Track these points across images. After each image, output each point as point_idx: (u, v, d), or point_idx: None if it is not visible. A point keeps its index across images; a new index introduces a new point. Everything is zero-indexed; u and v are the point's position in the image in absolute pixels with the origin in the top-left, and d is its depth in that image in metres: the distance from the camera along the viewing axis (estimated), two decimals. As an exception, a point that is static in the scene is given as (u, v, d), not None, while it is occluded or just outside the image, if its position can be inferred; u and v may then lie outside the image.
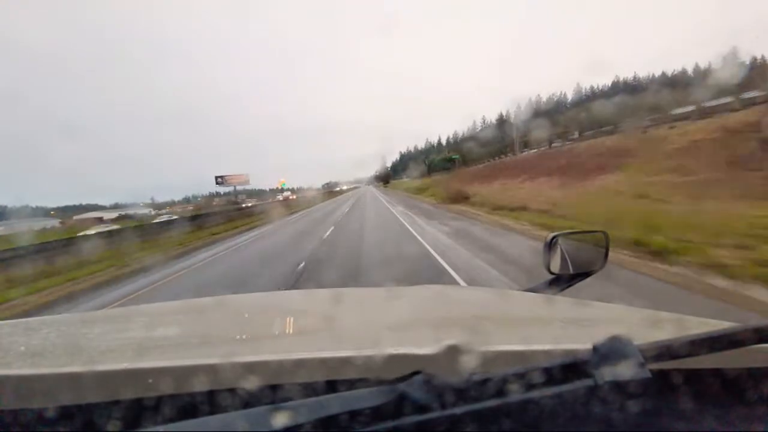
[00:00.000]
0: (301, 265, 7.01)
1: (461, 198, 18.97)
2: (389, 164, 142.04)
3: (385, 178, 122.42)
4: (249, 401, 0.49)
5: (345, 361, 0.52)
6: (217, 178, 54.90)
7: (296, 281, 5.88)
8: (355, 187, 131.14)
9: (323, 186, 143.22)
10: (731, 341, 0.43)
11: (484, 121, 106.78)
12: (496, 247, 7.43)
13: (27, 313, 6.28)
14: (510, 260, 6.27)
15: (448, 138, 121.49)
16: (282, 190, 77.46)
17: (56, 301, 7.18)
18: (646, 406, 0.48)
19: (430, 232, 10.35)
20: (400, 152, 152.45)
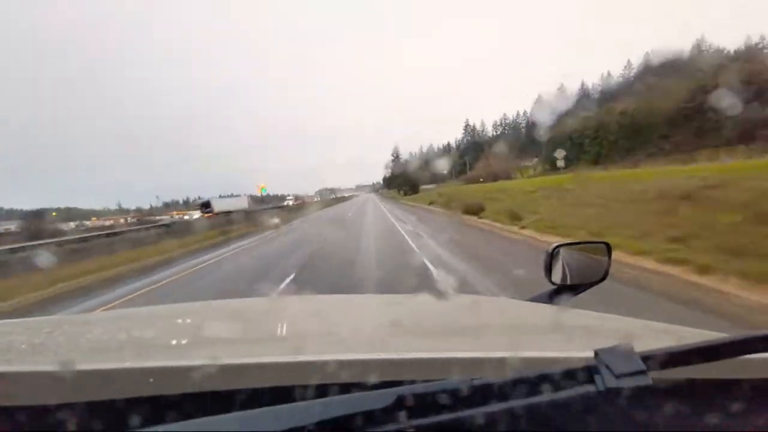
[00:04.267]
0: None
1: None
2: (390, 173, 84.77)
3: (411, 184, 64.45)
4: (248, 403, 0.49)
5: (346, 365, 0.52)
6: None
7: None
8: (351, 197, 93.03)
9: (317, 193, 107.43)
10: (733, 350, 0.44)
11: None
12: None
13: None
14: None
15: (495, 122, 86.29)
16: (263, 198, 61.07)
17: None
18: (647, 413, 0.48)
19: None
20: (410, 153, 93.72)
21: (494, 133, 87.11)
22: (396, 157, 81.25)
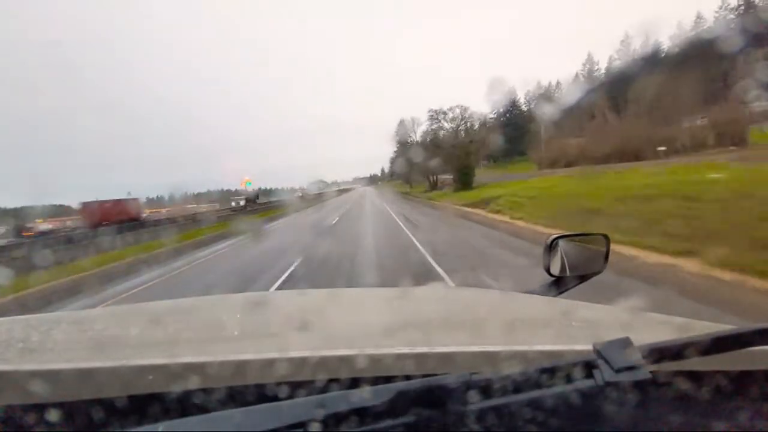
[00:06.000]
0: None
1: None
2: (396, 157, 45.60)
3: (462, 168, 27.10)
4: (250, 399, 0.49)
5: (344, 360, 0.52)
6: None
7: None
8: (347, 189, 79.18)
9: (310, 186, 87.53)
10: (732, 343, 0.44)
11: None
12: None
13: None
14: None
15: (528, 92, 59.64)
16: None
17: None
18: (646, 406, 0.48)
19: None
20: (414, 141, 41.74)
21: (529, 106, 61.66)
22: (402, 135, 43.68)
